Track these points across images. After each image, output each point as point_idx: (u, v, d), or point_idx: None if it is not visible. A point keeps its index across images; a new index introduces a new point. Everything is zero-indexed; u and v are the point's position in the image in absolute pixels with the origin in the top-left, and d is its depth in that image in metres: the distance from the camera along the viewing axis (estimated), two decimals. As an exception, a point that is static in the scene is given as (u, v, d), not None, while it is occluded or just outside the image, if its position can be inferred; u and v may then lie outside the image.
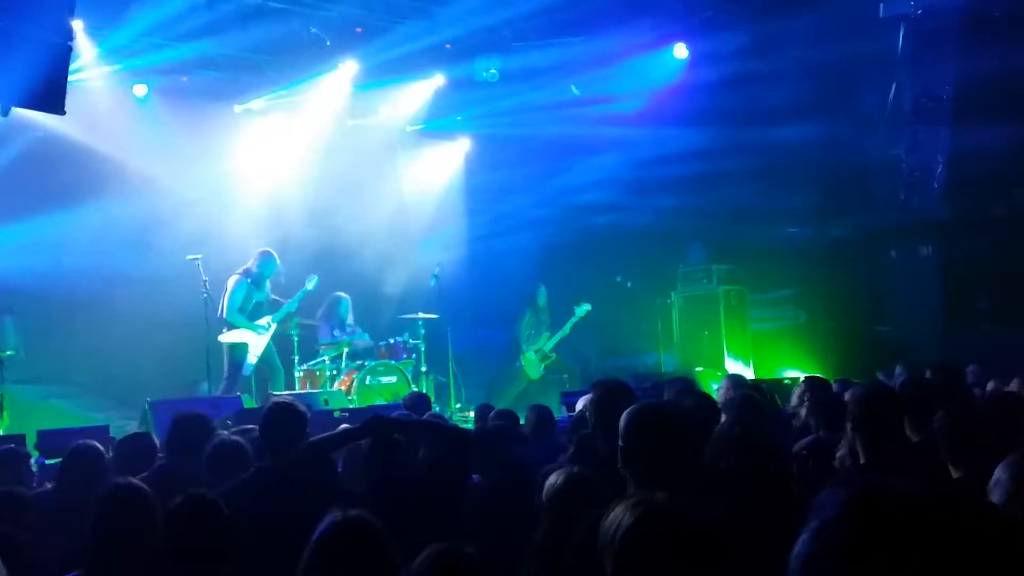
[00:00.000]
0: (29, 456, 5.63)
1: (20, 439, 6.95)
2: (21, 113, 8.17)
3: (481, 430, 5.21)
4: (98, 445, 5.11)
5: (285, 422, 4.56)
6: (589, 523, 2.98)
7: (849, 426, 4.13)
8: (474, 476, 4.84)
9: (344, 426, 5.30)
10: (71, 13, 5.81)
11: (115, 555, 3.61)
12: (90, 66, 11.09)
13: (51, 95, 5.95)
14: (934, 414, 4.24)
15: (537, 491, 4.28)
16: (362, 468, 4.37)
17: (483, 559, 2.52)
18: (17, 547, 3.82)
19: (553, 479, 3.61)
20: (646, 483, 3.29)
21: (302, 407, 4.77)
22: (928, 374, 6.27)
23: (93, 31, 10.78)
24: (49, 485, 5.28)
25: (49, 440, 7.00)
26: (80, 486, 4.74)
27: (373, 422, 4.35)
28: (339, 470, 4.67)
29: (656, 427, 3.46)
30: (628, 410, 3.55)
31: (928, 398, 4.71)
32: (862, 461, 3.99)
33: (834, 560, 1.20)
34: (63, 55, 5.88)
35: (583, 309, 12.51)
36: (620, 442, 3.48)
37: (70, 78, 6.62)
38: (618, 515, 2.53)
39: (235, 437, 5.06)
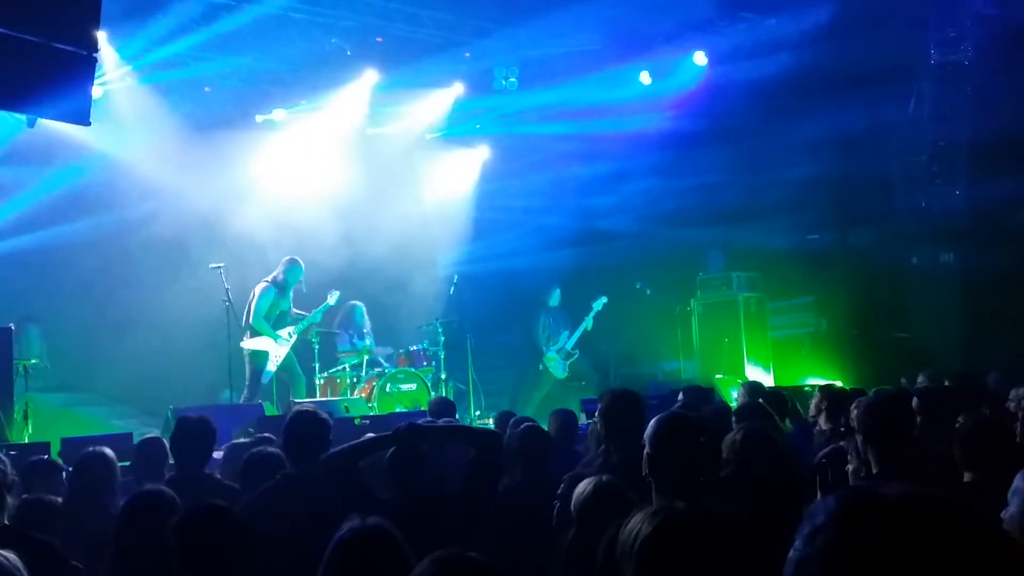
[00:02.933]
0: (62, 469, 5.69)
1: (45, 447, 7.03)
2: (46, 124, 8.27)
3: (511, 436, 5.21)
4: (107, 452, 5.14)
5: (309, 430, 4.59)
6: (615, 531, 3.01)
7: (859, 436, 4.12)
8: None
9: (369, 435, 5.33)
10: (97, 25, 5.89)
11: (138, 561, 3.65)
12: (113, 75, 11.21)
13: (76, 107, 6.03)
14: (954, 422, 4.22)
15: (560, 497, 4.32)
16: (386, 476, 4.39)
17: (488, 564, 2.52)
18: (49, 554, 3.86)
19: (582, 487, 3.63)
20: (670, 491, 3.32)
21: (325, 415, 4.81)
22: (947, 382, 6.23)
23: (116, 41, 10.89)
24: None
25: (73, 448, 7.04)
26: (89, 494, 4.78)
27: (404, 430, 4.36)
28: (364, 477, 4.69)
29: (684, 437, 3.49)
30: (656, 418, 3.60)
31: (947, 406, 4.70)
32: (875, 471, 3.98)
33: (823, 565, 1.22)
34: (88, 67, 5.96)
35: (600, 302, 12.53)
36: (647, 449, 3.51)
37: (94, 89, 6.71)
38: (637, 524, 2.55)
39: (271, 449, 5.10)
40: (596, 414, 4.84)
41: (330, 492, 4.39)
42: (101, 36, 8.50)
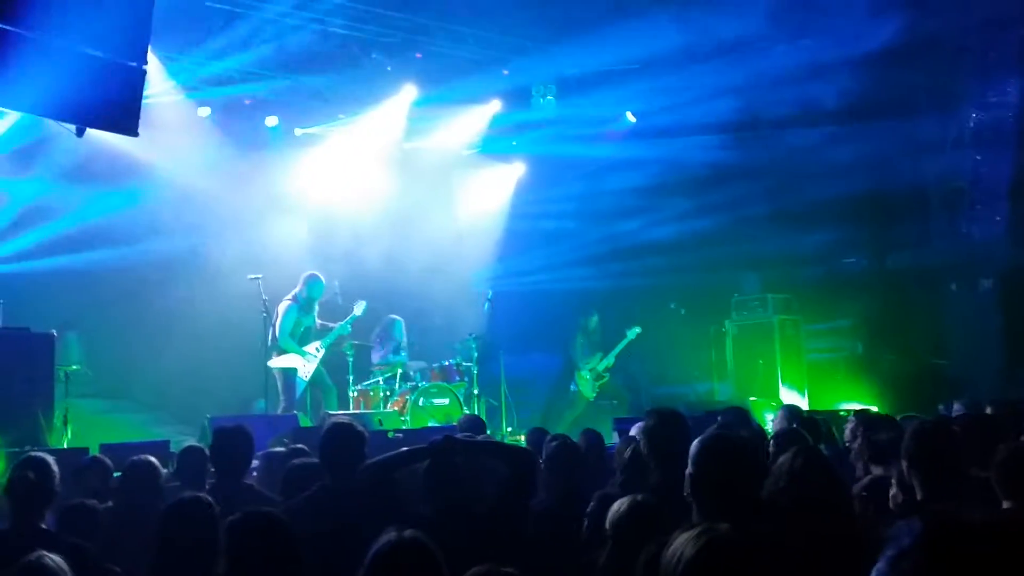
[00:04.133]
0: (112, 469, 5.78)
1: (83, 453, 7.11)
2: (93, 133, 8.39)
3: (547, 453, 5.21)
4: (154, 460, 5.21)
5: (345, 442, 4.62)
6: (653, 551, 3.00)
7: (904, 462, 4.07)
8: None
9: (404, 448, 5.35)
10: (148, 38, 5.99)
11: (178, 567, 3.68)
12: (157, 86, 11.37)
13: (125, 117, 6.13)
14: (995, 450, 4.17)
15: (590, 515, 4.31)
16: (422, 488, 4.40)
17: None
18: (87, 559, 3.90)
19: (617, 506, 3.62)
20: (711, 511, 3.30)
21: (361, 427, 4.84)
22: (989, 410, 6.14)
23: (161, 53, 11.05)
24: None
25: (112, 454, 7.11)
26: (136, 500, 4.83)
27: (441, 443, 4.38)
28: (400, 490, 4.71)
29: (727, 458, 3.48)
30: (700, 438, 3.58)
31: (990, 433, 4.63)
32: (919, 497, 3.93)
33: None
34: (138, 78, 6.07)
35: (633, 332, 12.53)
36: (690, 469, 3.50)
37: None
38: (681, 545, 2.54)
39: (312, 460, 5.14)
40: (639, 433, 4.82)
41: (365, 503, 4.41)
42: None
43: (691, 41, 11.78)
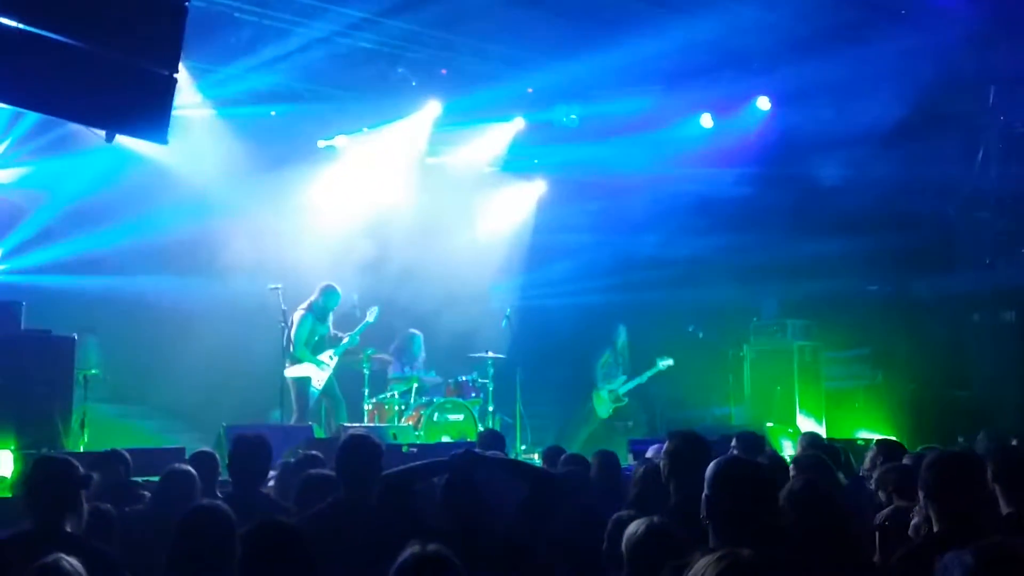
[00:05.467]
0: (131, 466, 5.82)
1: (99, 456, 7.13)
2: (121, 141, 8.46)
3: (559, 475, 5.18)
4: (191, 469, 5.23)
5: (361, 455, 4.61)
6: (671, 573, 2.97)
7: (921, 493, 4.02)
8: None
9: (420, 462, 5.33)
10: (180, 45, 6.04)
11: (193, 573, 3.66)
12: (184, 97, 11.44)
13: (155, 125, 6.17)
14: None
15: (607, 538, 4.27)
16: (439, 503, 4.38)
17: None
18: (108, 564, 3.89)
19: (633, 528, 3.59)
20: (728, 535, 3.28)
21: (377, 440, 4.83)
22: (1015, 442, 6.06)
23: (188, 63, 11.13)
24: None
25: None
26: (172, 508, 4.83)
27: (462, 458, 4.37)
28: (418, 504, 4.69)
29: (745, 482, 3.46)
30: (717, 461, 3.57)
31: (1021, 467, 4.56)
32: (935, 529, 3.88)
33: None
34: (169, 86, 6.11)
35: (665, 362, 12.48)
36: (706, 491, 3.47)
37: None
38: (701, 568, 2.51)
39: (327, 472, 5.14)
40: (660, 455, 4.79)
41: (381, 516, 4.40)
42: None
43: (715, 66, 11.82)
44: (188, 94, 11.31)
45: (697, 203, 13.04)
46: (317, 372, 10.81)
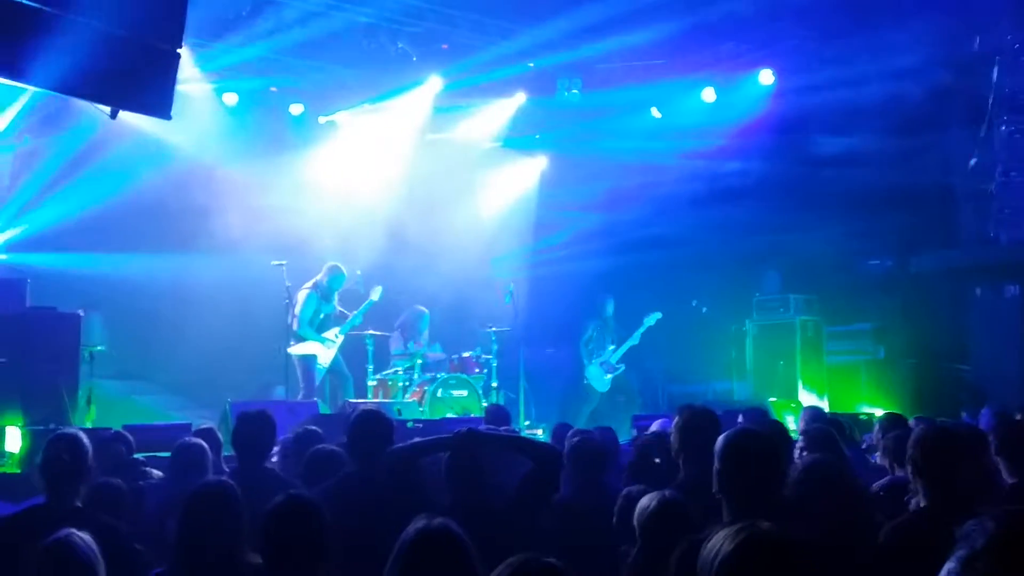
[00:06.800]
0: (134, 446, 5.86)
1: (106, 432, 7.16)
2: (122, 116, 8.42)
3: (568, 448, 5.20)
4: (203, 443, 5.26)
5: (374, 430, 4.64)
6: (686, 547, 2.98)
7: (909, 467, 4.04)
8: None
9: (425, 437, 5.36)
10: (183, 20, 6.01)
11: (200, 552, 3.68)
12: (184, 72, 11.36)
13: (158, 100, 6.15)
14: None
15: (618, 512, 4.30)
16: (444, 479, 4.41)
17: (566, 570, 2.52)
18: (116, 536, 3.93)
19: (646, 502, 3.61)
20: (741, 508, 3.29)
21: (389, 416, 4.86)
22: (1020, 416, 6.09)
23: (188, 39, 11.03)
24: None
25: (134, 435, 7.18)
26: (185, 481, 4.86)
27: (465, 434, 4.39)
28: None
29: (755, 453, 3.46)
30: (727, 434, 3.56)
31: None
32: (922, 504, 3.89)
33: None
34: (172, 62, 6.08)
35: (653, 318, 12.44)
36: (717, 465, 3.48)
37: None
38: (719, 541, 2.52)
39: (333, 447, 5.17)
40: (671, 429, 4.80)
41: (389, 491, 4.42)
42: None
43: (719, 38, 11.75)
44: (188, 69, 11.24)
45: (699, 178, 13.01)
46: (323, 350, 10.83)
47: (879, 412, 9.33)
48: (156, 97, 6.13)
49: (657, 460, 5.32)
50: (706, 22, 11.23)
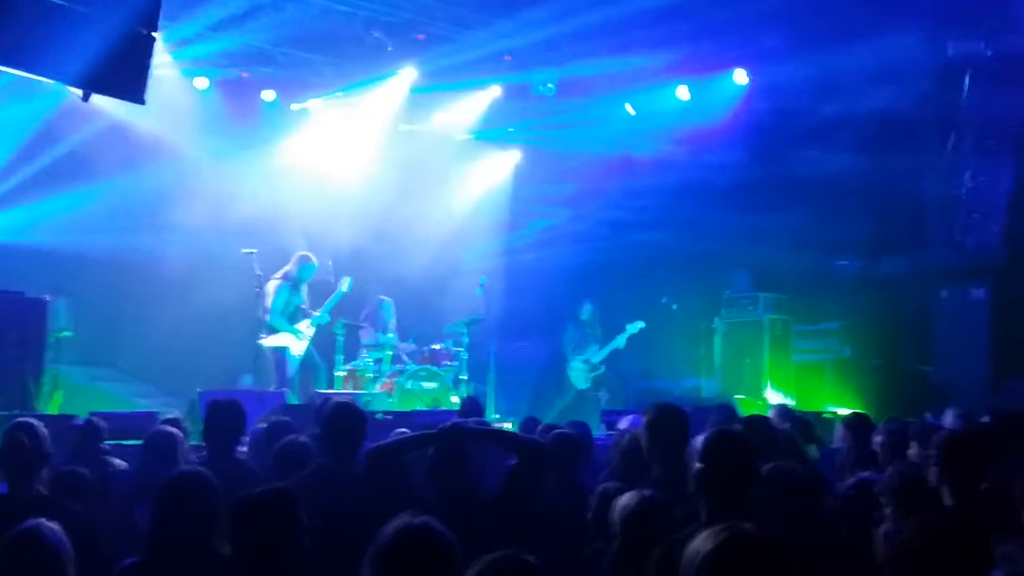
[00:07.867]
0: (106, 434, 5.79)
1: (71, 419, 7.04)
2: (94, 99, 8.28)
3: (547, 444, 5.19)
4: (175, 431, 5.20)
5: (350, 424, 4.61)
6: (665, 547, 2.99)
7: (935, 469, 4.07)
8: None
9: (405, 433, 5.33)
10: (160, 4, 5.91)
11: (175, 542, 3.64)
12: (155, 57, 11.20)
13: (132, 84, 6.05)
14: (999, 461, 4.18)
15: (593, 509, 4.29)
16: (427, 474, 4.38)
17: (543, 569, 2.50)
18: (83, 525, 3.88)
19: (626, 500, 3.61)
20: (720, 508, 3.30)
21: (363, 408, 4.82)
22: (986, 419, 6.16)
23: (162, 22, 10.88)
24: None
25: (99, 423, 7.08)
26: (156, 470, 4.81)
27: (450, 429, 4.36)
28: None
29: (737, 454, 3.47)
30: (709, 434, 3.56)
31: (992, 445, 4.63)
32: (948, 503, 3.93)
33: None
34: (147, 45, 5.98)
35: (636, 326, 12.50)
36: (698, 465, 3.48)
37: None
38: (701, 541, 2.53)
39: (302, 439, 5.13)
40: (638, 427, 4.81)
41: (367, 486, 4.38)
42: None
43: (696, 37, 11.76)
44: (159, 54, 11.07)
45: (672, 174, 13.04)
46: (295, 341, 10.75)
47: (843, 411, 9.45)
48: (130, 81, 6.04)
49: None
50: (682, 20, 11.25)
